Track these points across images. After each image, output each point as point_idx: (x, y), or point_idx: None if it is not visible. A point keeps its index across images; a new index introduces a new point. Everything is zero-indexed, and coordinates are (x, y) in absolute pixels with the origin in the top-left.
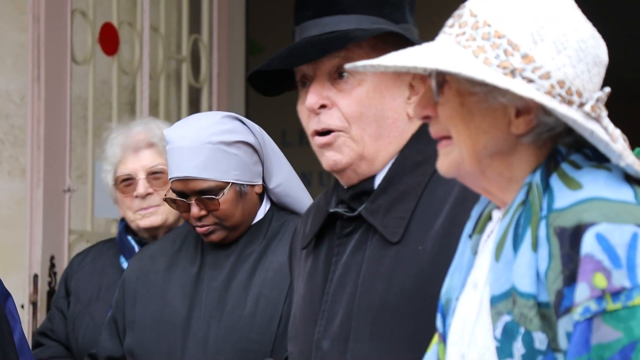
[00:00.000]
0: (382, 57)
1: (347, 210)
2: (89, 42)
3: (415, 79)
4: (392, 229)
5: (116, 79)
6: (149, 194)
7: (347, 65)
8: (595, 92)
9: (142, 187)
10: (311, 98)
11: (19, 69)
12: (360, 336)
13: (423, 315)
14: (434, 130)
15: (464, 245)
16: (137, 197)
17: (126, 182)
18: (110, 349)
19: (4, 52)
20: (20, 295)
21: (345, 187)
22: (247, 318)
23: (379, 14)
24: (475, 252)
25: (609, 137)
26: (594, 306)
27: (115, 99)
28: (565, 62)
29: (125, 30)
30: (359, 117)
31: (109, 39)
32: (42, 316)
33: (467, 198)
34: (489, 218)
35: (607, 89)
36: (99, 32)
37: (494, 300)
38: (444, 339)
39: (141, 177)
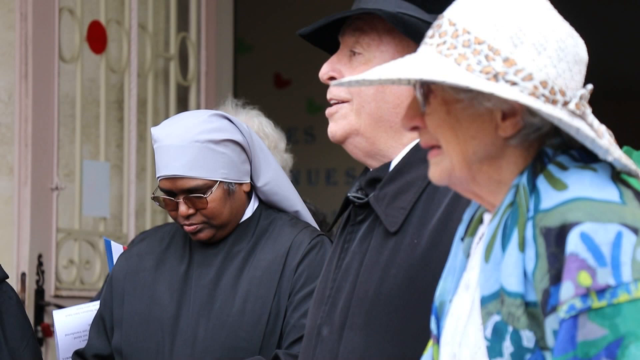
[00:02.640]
0: (367, 71)
1: (358, 197)
2: (76, 40)
3: None
4: (393, 219)
5: (104, 77)
6: None
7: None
8: (578, 89)
9: None
10: (323, 68)
11: (6, 67)
12: (355, 325)
13: (411, 309)
14: (423, 140)
15: (457, 248)
16: None
17: None
18: (97, 347)
19: None
20: None
21: (369, 170)
22: (236, 316)
23: None
24: (467, 255)
25: (595, 133)
26: (579, 304)
27: (103, 97)
28: (546, 63)
29: (113, 29)
30: (358, 93)
31: (96, 37)
32: (29, 314)
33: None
34: (480, 221)
35: (590, 86)
36: (86, 30)
37: (484, 301)
38: (437, 340)
39: None
